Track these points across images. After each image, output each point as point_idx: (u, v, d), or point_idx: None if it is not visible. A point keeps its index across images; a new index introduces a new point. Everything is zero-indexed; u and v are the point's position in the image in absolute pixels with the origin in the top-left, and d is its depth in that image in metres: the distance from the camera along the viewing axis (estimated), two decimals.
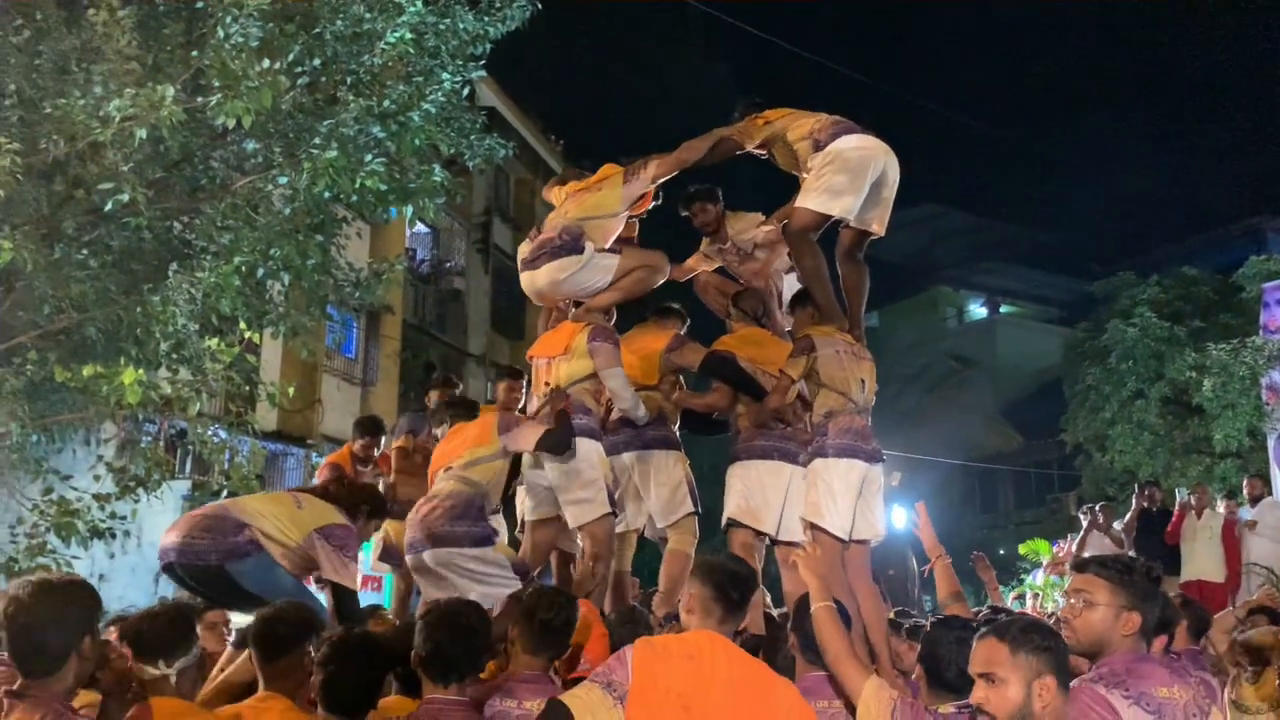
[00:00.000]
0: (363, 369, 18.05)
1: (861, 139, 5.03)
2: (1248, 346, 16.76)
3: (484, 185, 22.14)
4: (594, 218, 5.04)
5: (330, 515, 4.25)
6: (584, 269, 4.97)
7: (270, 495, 4.67)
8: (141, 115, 6.63)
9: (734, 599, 2.84)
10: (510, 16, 9.42)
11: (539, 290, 5.16)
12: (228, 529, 4.04)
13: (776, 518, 4.85)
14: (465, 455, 4.54)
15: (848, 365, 4.86)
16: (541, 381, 5.02)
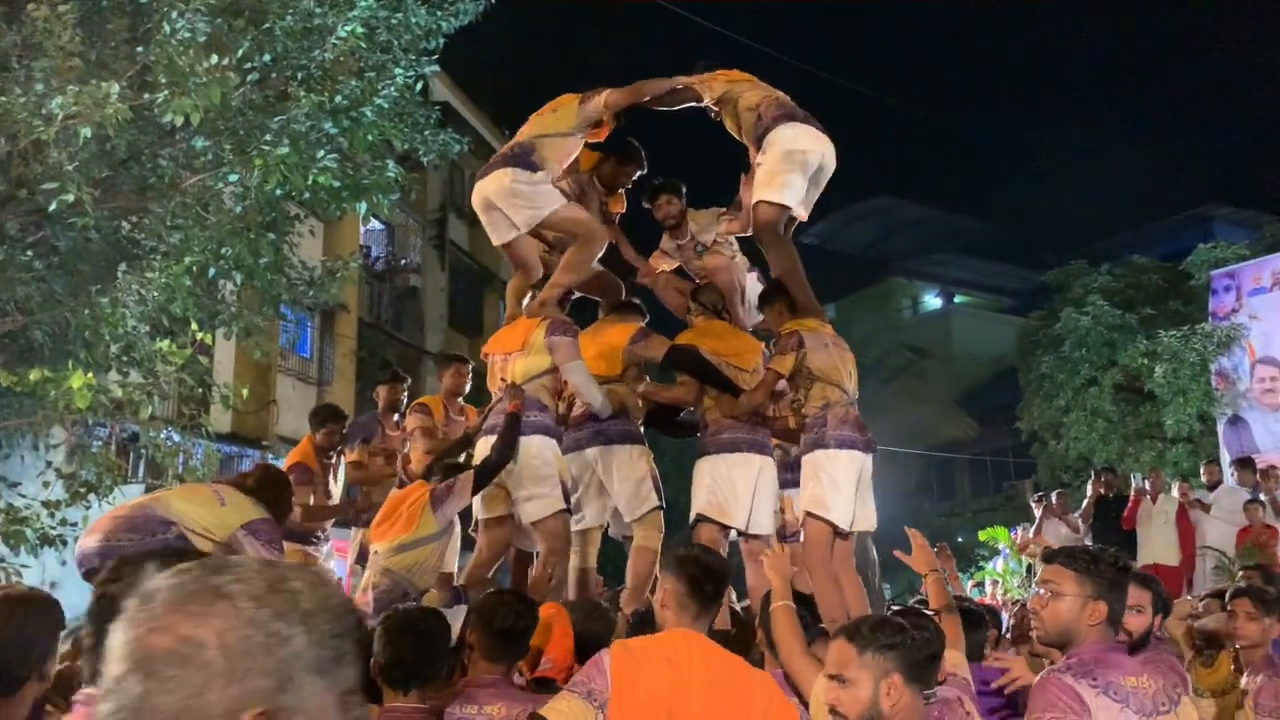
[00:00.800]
0: (318, 368, 17.83)
1: (801, 130, 5.08)
2: (1197, 333, 17.05)
3: (439, 181, 21.96)
4: (548, 135, 5.08)
5: (253, 511, 4.29)
6: (531, 186, 4.93)
7: (190, 490, 4.62)
8: (85, 113, 6.46)
9: (709, 592, 2.81)
10: (463, 11, 9.35)
11: (485, 198, 5.08)
12: (153, 526, 4.00)
13: (745, 512, 4.84)
14: (394, 540, 4.38)
15: (837, 357, 4.88)
16: (498, 378, 4.95)
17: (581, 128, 5.18)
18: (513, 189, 4.95)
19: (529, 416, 4.66)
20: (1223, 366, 16.86)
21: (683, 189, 5.81)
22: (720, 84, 5.32)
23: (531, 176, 4.96)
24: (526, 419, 4.65)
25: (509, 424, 4.60)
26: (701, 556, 2.92)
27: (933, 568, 3.96)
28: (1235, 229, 26.85)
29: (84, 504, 7.38)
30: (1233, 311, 16.97)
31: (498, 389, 4.92)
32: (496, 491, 4.70)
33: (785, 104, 5.15)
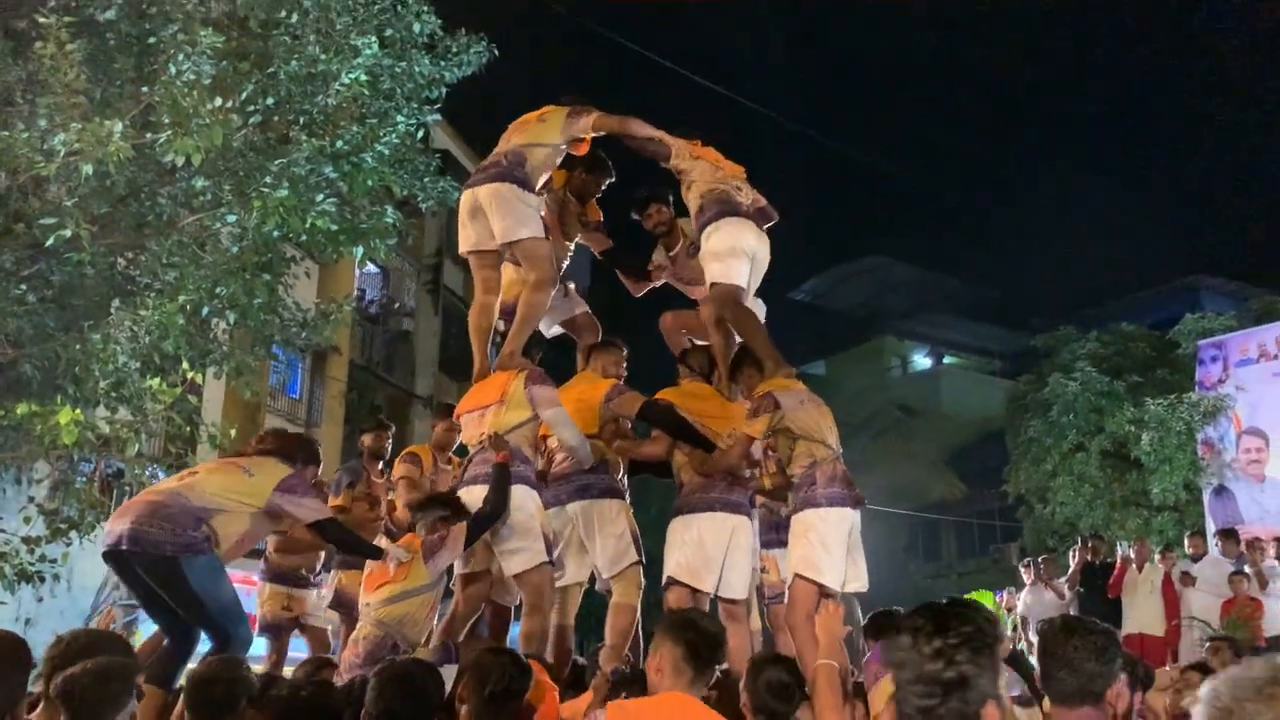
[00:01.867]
0: (307, 410, 17.76)
1: (739, 226, 5.20)
2: (1184, 402, 17.13)
3: (436, 226, 22.07)
4: (536, 144, 5.19)
5: (279, 470, 4.42)
6: (522, 203, 5.04)
7: (217, 468, 4.57)
8: (88, 150, 6.50)
9: (705, 658, 2.81)
10: (467, 62, 9.47)
11: (476, 202, 5.14)
12: (186, 521, 4.05)
13: (716, 575, 4.77)
14: (386, 590, 4.37)
15: (816, 413, 4.87)
16: (474, 435, 4.91)
17: (566, 140, 5.28)
18: (506, 197, 5.05)
19: (512, 467, 4.65)
20: (1209, 436, 16.93)
21: (669, 196, 5.83)
22: (686, 158, 5.41)
23: (525, 195, 5.09)
24: (511, 469, 4.64)
25: (499, 476, 4.57)
26: (699, 622, 2.92)
27: None
28: (1221, 299, 27.12)
29: (65, 540, 7.31)
30: (1219, 382, 17.07)
31: (474, 443, 4.89)
32: (478, 546, 4.67)
33: (725, 199, 5.23)
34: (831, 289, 37.02)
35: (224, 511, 4.18)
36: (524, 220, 5.08)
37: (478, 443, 4.84)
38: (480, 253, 5.27)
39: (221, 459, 4.69)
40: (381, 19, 8.95)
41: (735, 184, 5.39)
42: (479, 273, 5.36)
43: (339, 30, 8.57)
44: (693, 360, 5.42)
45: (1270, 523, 15.35)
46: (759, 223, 5.33)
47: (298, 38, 8.43)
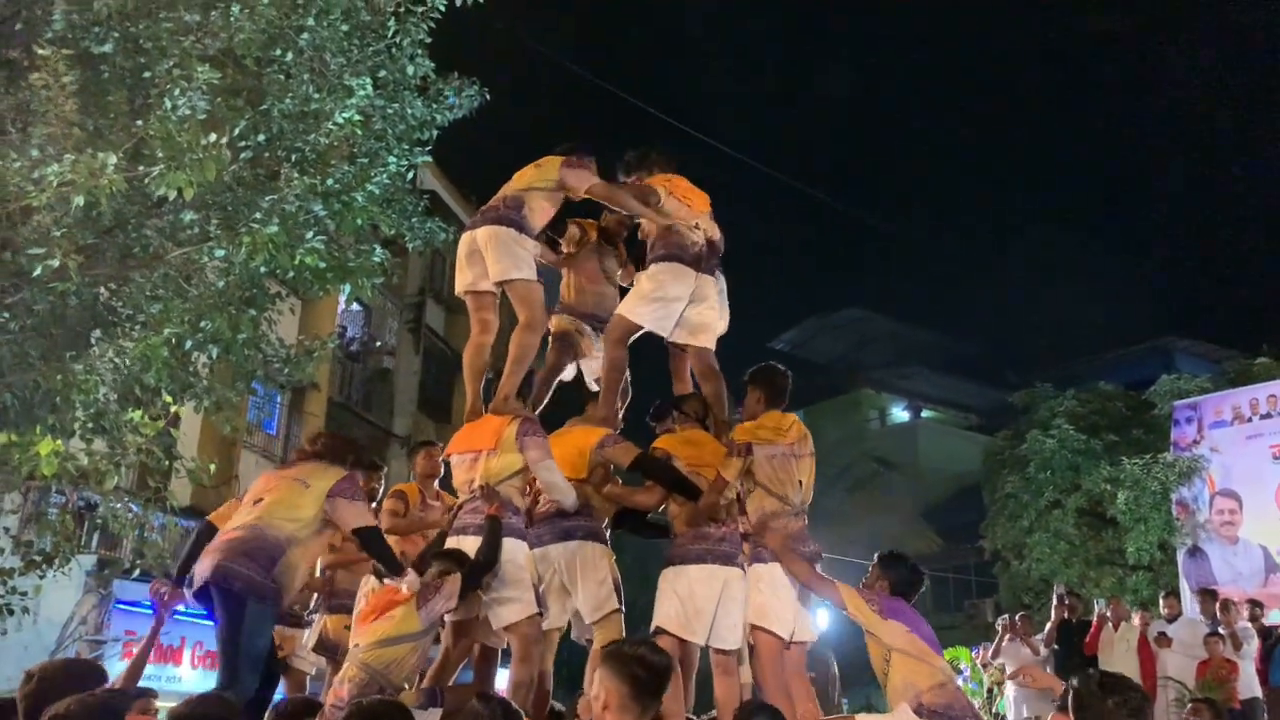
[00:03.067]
0: (283, 446, 17.63)
1: (673, 274, 5.30)
2: (1159, 462, 17.28)
3: (419, 266, 22.11)
4: (532, 188, 5.28)
5: (331, 473, 4.50)
6: (519, 246, 5.12)
7: (278, 485, 4.56)
8: (80, 182, 6.50)
9: (652, 691, 2.72)
10: (459, 105, 9.55)
11: (475, 244, 5.21)
12: (264, 560, 4.17)
13: (707, 625, 4.77)
14: (375, 633, 4.35)
15: (787, 467, 4.91)
16: (465, 478, 4.90)
17: (561, 189, 5.34)
18: (503, 239, 5.12)
19: (504, 518, 4.64)
20: (1183, 496, 17.07)
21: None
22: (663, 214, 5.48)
23: (521, 239, 5.16)
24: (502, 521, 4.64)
25: (492, 529, 4.55)
26: (646, 655, 2.81)
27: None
28: (1195, 361, 27.44)
29: (38, 573, 7.20)
30: (1194, 443, 17.24)
31: (465, 489, 4.88)
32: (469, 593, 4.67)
33: (675, 244, 5.35)
34: (809, 340, 37.21)
35: (296, 542, 4.29)
36: (519, 263, 5.14)
37: (468, 489, 4.83)
38: (477, 293, 5.32)
39: (278, 470, 4.68)
40: (375, 60, 9.02)
41: (694, 221, 5.45)
42: (475, 314, 5.40)
43: (333, 70, 8.63)
44: (688, 407, 5.44)
45: (1243, 584, 15.44)
46: (704, 266, 5.39)
47: (291, 76, 8.49)
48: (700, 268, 5.40)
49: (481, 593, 4.62)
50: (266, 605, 4.19)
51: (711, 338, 5.51)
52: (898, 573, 4.71)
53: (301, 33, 8.36)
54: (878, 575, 4.71)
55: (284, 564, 4.23)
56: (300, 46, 8.42)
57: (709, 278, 5.46)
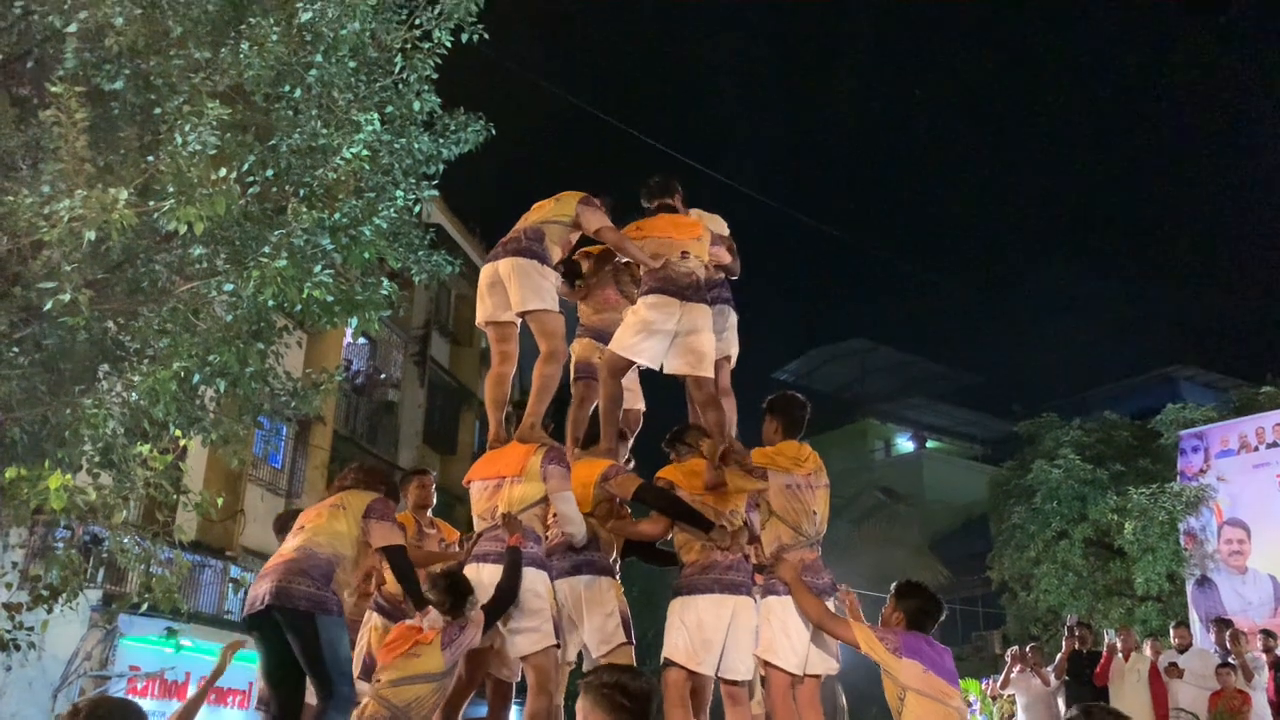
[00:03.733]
0: (289, 480, 17.62)
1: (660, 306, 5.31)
2: (1166, 492, 17.23)
3: (425, 299, 22.19)
4: (551, 221, 5.36)
5: (364, 497, 4.69)
6: (540, 276, 5.18)
7: (321, 513, 4.72)
8: (92, 217, 6.55)
9: (638, 716, 2.68)
10: (465, 140, 9.63)
11: (496, 274, 5.25)
12: (319, 577, 4.32)
13: (717, 656, 4.73)
14: (397, 670, 4.34)
15: (802, 497, 4.89)
16: (487, 505, 4.90)
17: (575, 225, 5.41)
18: (525, 270, 5.18)
19: (525, 547, 4.62)
20: (1191, 526, 17.00)
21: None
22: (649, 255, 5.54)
23: (543, 269, 5.21)
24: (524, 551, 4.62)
25: (512, 559, 4.53)
26: (627, 683, 2.77)
27: None
28: (1201, 390, 27.43)
29: (45, 608, 7.18)
30: (1201, 472, 17.19)
31: (486, 515, 4.86)
32: None
33: (661, 276, 5.37)
34: (814, 370, 37.19)
35: (343, 558, 4.46)
36: (541, 293, 5.18)
37: (489, 516, 4.82)
38: (498, 324, 5.35)
39: (319, 504, 4.87)
40: (382, 96, 9.12)
41: (682, 249, 5.48)
42: (496, 344, 5.42)
43: (341, 106, 8.71)
44: (689, 437, 5.43)
45: (1252, 614, 15.34)
46: (693, 295, 5.40)
47: (299, 112, 8.57)
48: (687, 297, 5.40)
49: (501, 623, 4.60)
50: (334, 615, 4.35)
51: (709, 366, 5.47)
52: (911, 603, 4.64)
53: (310, 69, 8.45)
54: (893, 607, 4.67)
55: (336, 581, 4.41)
56: (309, 83, 8.51)
57: (700, 306, 5.45)
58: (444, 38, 9.18)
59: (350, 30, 8.52)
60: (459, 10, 9.11)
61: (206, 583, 14.73)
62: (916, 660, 4.32)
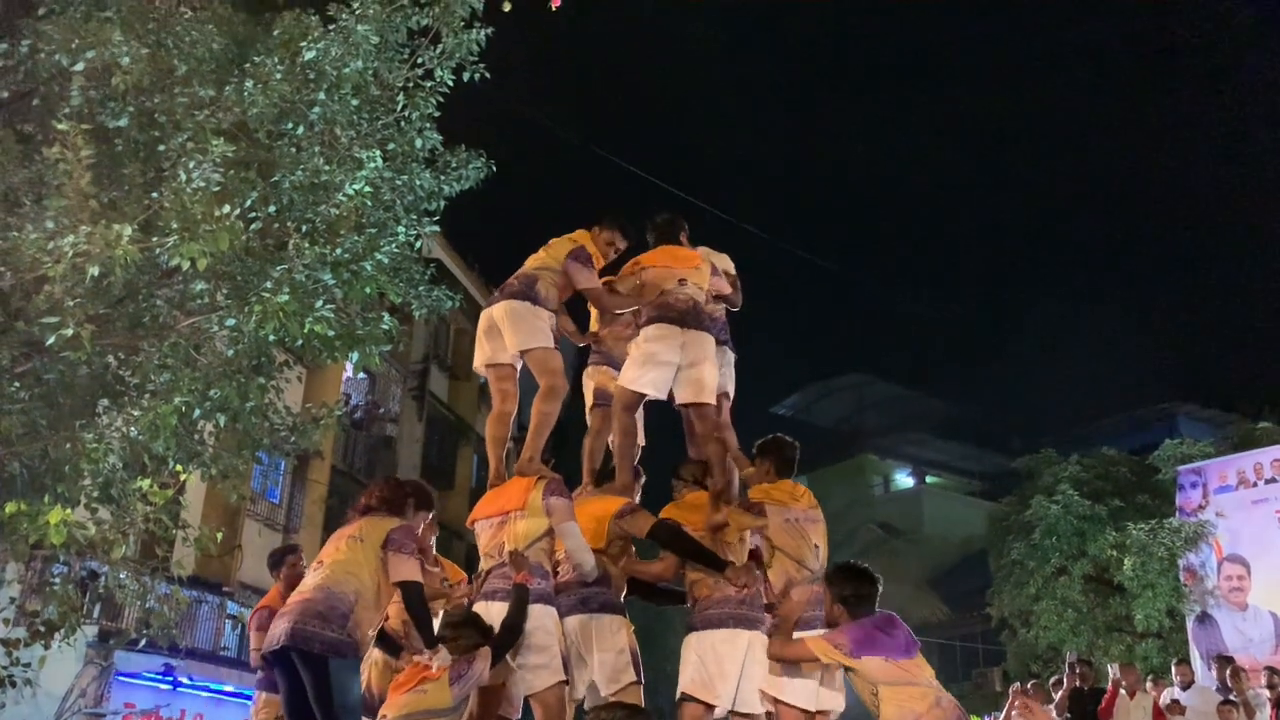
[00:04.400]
0: (286, 514, 17.58)
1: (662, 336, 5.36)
2: (1165, 528, 17.19)
3: (424, 334, 22.24)
4: (543, 269, 5.45)
5: (386, 524, 4.54)
6: (533, 317, 5.26)
7: (338, 547, 4.59)
8: (95, 253, 6.60)
9: None
10: (466, 177, 9.72)
11: (491, 319, 5.36)
12: (335, 619, 4.24)
13: (732, 689, 4.73)
14: (404, 706, 4.28)
15: (802, 532, 4.91)
16: (493, 542, 4.90)
17: (563, 268, 5.47)
18: (519, 312, 5.27)
19: (532, 584, 4.62)
20: (1190, 562, 16.95)
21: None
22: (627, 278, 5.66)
23: (537, 310, 5.29)
24: (530, 588, 4.62)
25: (519, 597, 4.53)
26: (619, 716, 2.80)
27: None
28: (1198, 426, 27.42)
29: (43, 644, 7.15)
30: (1199, 508, 17.18)
31: (493, 552, 4.86)
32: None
33: (660, 304, 5.44)
34: (813, 405, 37.22)
35: (363, 596, 4.36)
36: (535, 332, 5.27)
37: (497, 553, 4.82)
38: (497, 365, 5.41)
39: (339, 533, 4.70)
40: (385, 133, 9.22)
41: (680, 277, 5.53)
42: (496, 385, 5.48)
43: (343, 143, 8.81)
44: (686, 472, 5.45)
45: (1254, 651, 15.27)
46: (694, 323, 5.44)
47: (302, 149, 8.66)
48: (687, 324, 5.44)
49: (510, 659, 4.58)
50: (348, 659, 4.29)
51: (711, 393, 5.50)
52: (844, 590, 4.54)
53: (313, 107, 8.55)
54: (831, 600, 4.58)
55: (354, 621, 4.32)
56: (311, 120, 8.61)
57: (703, 334, 5.49)
58: (446, 76, 9.29)
59: (353, 69, 8.63)
60: (461, 49, 9.23)
61: (203, 618, 14.65)
62: (874, 655, 4.29)
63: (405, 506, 4.78)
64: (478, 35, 9.24)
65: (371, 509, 4.70)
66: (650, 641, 6.81)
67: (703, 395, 5.41)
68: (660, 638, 13.61)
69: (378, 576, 4.44)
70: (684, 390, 5.42)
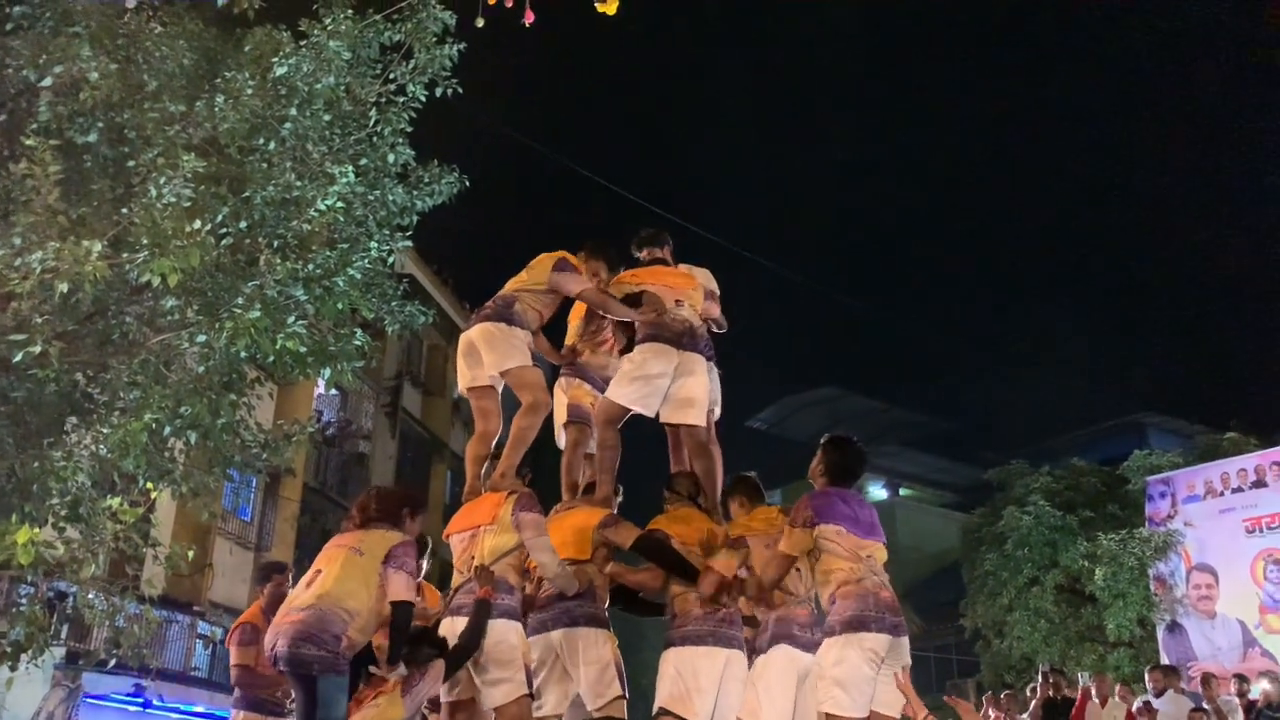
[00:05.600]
0: (258, 533, 17.42)
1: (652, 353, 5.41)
2: (1135, 538, 17.35)
3: (397, 350, 22.15)
4: (523, 289, 5.46)
5: (388, 540, 4.48)
6: (508, 337, 5.27)
7: (335, 559, 4.51)
8: (64, 269, 6.54)
9: None
10: (439, 192, 9.71)
11: (470, 341, 5.36)
12: (329, 640, 4.21)
13: (709, 706, 4.74)
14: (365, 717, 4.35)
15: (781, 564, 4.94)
16: (464, 557, 4.91)
17: (552, 291, 5.48)
18: (494, 334, 5.27)
19: (496, 599, 4.63)
20: (1160, 572, 17.13)
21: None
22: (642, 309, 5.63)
23: (513, 331, 5.30)
24: (493, 602, 4.63)
25: (478, 610, 4.55)
26: None
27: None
28: (1167, 437, 27.68)
29: (9, 665, 7.04)
30: (1168, 517, 17.37)
31: (463, 568, 4.87)
32: (462, 674, 4.65)
33: (653, 323, 5.48)
34: (786, 418, 37.30)
35: (356, 616, 4.31)
36: (512, 351, 5.28)
37: (466, 567, 4.83)
38: (477, 388, 5.44)
39: (336, 542, 4.62)
40: (357, 149, 9.20)
41: (677, 298, 5.57)
42: (477, 406, 5.51)
43: (315, 158, 8.78)
44: (679, 485, 5.48)
45: (1222, 659, 15.44)
46: (688, 344, 5.48)
47: (274, 164, 8.62)
48: (683, 345, 5.49)
49: (475, 674, 4.59)
50: (338, 676, 4.28)
51: (700, 414, 5.55)
52: (834, 455, 4.84)
53: (284, 122, 8.52)
54: (819, 459, 4.86)
55: (347, 642, 4.30)
56: (283, 135, 8.58)
57: (695, 355, 5.54)
58: (418, 92, 9.29)
59: (325, 84, 8.62)
60: (433, 65, 9.24)
61: (173, 638, 14.47)
62: (831, 523, 4.56)
63: (402, 518, 4.70)
64: (450, 51, 9.25)
65: (372, 520, 4.63)
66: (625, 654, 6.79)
67: (691, 416, 5.48)
68: (636, 652, 13.59)
69: (376, 594, 4.38)
70: (675, 411, 5.49)
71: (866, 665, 4.39)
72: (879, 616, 4.42)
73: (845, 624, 4.41)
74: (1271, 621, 15.59)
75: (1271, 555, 15.81)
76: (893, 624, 4.45)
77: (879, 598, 4.47)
